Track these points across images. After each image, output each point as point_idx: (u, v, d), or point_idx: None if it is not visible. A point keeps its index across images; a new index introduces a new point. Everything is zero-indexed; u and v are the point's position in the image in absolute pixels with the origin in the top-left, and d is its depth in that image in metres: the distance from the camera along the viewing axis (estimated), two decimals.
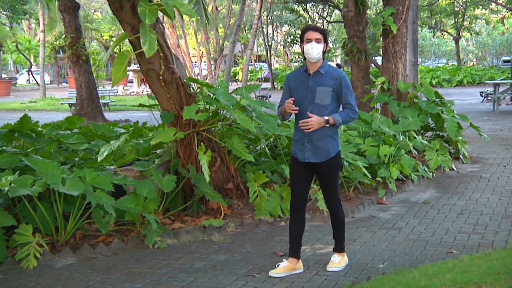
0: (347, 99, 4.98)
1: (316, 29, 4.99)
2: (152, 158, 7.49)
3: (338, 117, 4.94)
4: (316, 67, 5.00)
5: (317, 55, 4.92)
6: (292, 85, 5.12)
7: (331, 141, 5.02)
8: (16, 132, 8.10)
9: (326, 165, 5.04)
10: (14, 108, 27.27)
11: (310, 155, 5.02)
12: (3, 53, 61.01)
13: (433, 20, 45.57)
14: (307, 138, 5.00)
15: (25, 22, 57.46)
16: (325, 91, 4.93)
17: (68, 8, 18.36)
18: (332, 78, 4.96)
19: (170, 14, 5.98)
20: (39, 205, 5.93)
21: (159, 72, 6.68)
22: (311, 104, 4.95)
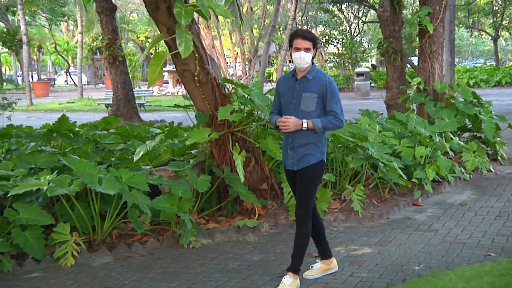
0: (331, 106, 4.75)
1: (305, 36, 4.74)
2: (187, 158, 7.53)
3: (318, 122, 4.71)
4: (303, 72, 4.82)
5: (305, 64, 4.75)
6: (281, 90, 4.96)
7: (314, 149, 4.81)
8: (54, 132, 8.25)
9: (304, 172, 4.82)
10: (53, 108, 27.72)
11: (293, 163, 4.87)
12: (42, 54, 62.18)
13: (471, 20, 44.90)
14: (290, 145, 4.87)
15: (64, 24, 58.44)
16: (310, 97, 4.75)
17: (105, 9, 18.56)
18: (318, 84, 4.76)
19: (206, 15, 6.00)
20: (76, 204, 6.02)
21: (194, 73, 6.71)
22: (296, 110, 4.78)
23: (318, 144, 4.83)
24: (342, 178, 8.00)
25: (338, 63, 37.47)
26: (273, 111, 5.06)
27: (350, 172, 7.98)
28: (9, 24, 39.83)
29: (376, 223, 6.91)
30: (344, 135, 7.61)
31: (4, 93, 15.93)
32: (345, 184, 7.83)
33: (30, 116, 23.17)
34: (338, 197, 7.66)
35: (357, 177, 8.11)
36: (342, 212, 7.20)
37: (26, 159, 6.85)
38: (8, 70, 69.63)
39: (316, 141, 4.82)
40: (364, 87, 30.34)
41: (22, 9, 29.82)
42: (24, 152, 7.38)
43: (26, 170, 6.55)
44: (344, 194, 7.57)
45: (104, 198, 6.22)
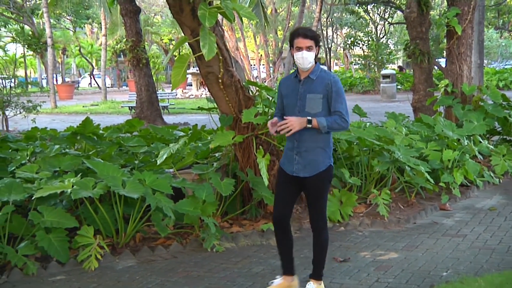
0: (336, 106, 4.57)
1: (306, 35, 4.57)
2: (210, 161, 7.55)
3: (323, 120, 4.53)
4: (307, 73, 4.65)
5: (308, 64, 4.58)
6: (284, 92, 4.79)
7: (322, 154, 4.63)
8: (78, 135, 8.32)
9: (314, 180, 4.64)
10: (76, 111, 28.00)
11: (298, 169, 4.65)
12: (66, 57, 62.94)
13: (501, 20, 44.38)
14: (296, 150, 4.65)
15: (88, 27, 59.04)
16: (315, 98, 4.57)
17: (129, 12, 18.72)
18: (322, 84, 4.59)
19: (230, 17, 6.01)
20: (100, 207, 6.07)
21: (218, 75, 6.73)
22: (301, 112, 4.59)
23: (325, 148, 4.65)
24: (368, 182, 7.96)
25: (363, 65, 37.28)
26: (275, 115, 4.90)
27: (375, 175, 7.94)
28: (34, 27, 40.37)
29: (402, 228, 6.86)
30: (370, 138, 7.57)
31: (29, 96, 16.21)
32: (371, 188, 7.78)
33: (54, 119, 23.43)
34: (364, 201, 7.62)
35: (383, 181, 8.06)
36: (368, 216, 7.17)
37: (51, 162, 6.92)
38: (33, 72, 70.57)
39: (324, 145, 4.64)
40: (390, 89, 30.15)
41: (47, 12, 30.18)
42: (48, 154, 7.46)
43: (51, 172, 6.62)
44: (369, 198, 7.53)
45: (128, 201, 6.26)
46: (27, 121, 15.18)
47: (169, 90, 32.50)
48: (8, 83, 15.84)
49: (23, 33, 41.70)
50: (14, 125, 18.35)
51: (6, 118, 15.68)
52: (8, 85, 15.79)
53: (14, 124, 18.45)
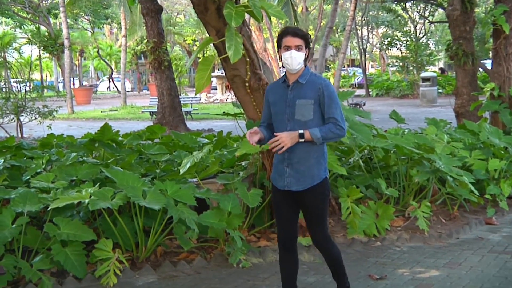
0: (331, 112, 4.42)
1: (295, 33, 4.46)
2: (236, 171, 7.56)
3: (316, 131, 4.38)
4: (296, 77, 4.51)
5: (297, 65, 4.45)
6: (271, 99, 4.64)
7: (316, 165, 4.49)
8: (96, 142, 8.41)
9: (309, 195, 4.50)
10: (95, 116, 28.32)
11: (290, 182, 4.50)
12: (84, 59, 63.72)
13: None
14: (287, 161, 4.51)
15: (107, 27, 59.80)
16: (306, 104, 4.43)
17: (150, 11, 18.88)
18: (313, 88, 4.45)
19: (258, 16, 6.03)
20: (119, 219, 6.11)
21: (245, 78, 6.75)
22: (290, 120, 4.46)
23: (319, 159, 4.52)
24: (406, 193, 7.90)
25: (401, 67, 37.09)
26: (261, 124, 4.77)
27: (414, 186, 7.88)
28: (50, 28, 41.00)
29: (444, 243, 6.80)
30: (409, 146, 7.52)
31: (45, 101, 16.36)
32: (409, 199, 7.72)
33: (71, 125, 23.73)
34: (402, 214, 7.57)
35: (422, 192, 8.00)
36: (406, 230, 7.11)
37: (67, 171, 7.00)
38: (49, 76, 71.59)
39: (318, 155, 4.50)
40: (431, 93, 29.95)
41: (64, 12, 30.60)
42: (65, 163, 7.54)
43: (67, 182, 6.70)
44: (408, 210, 7.48)
45: (149, 212, 6.30)
46: (42, 128, 15.36)
47: (192, 95, 32.73)
48: (23, 87, 16.02)
49: (39, 34, 42.38)
50: (29, 132, 18.61)
51: (21, 124, 15.89)
52: (23, 89, 15.98)
53: (29, 130, 18.71)
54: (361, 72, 45.72)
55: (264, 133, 4.60)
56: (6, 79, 17.45)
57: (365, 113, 8.21)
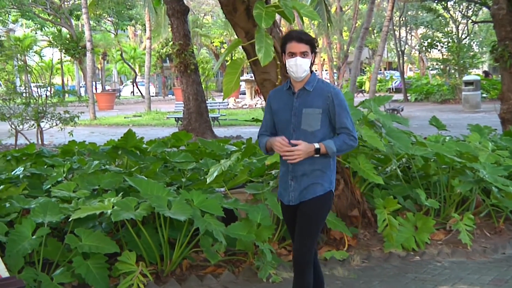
0: (342, 122, 4.39)
1: (300, 38, 4.40)
2: (266, 180, 7.57)
3: (331, 144, 4.35)
4: (301, 83, 4.47)
5: (302, 73, 4.40)
6: (275, 107, 4.59)
7: (322, 177, 4.45)
8: (119, 149, 8.49)
9: (307, 206, 4.44)
10: (118, 122, 28.55)
11: (294, 197, 4.49)
12: (107, 62, 64.37)
13: None
14: (291, 174, 4.48)
15: (131, 29, 60.33)
16: (313, 113, 4.38)
17: (176, 12, 18.97)
18: (321, 96, 4.40)
19: (289, 17, 6.04)
20: (143, 230, 6.14)
21: (276, 82, 6.75)
22: (296, 130, 4.42)
23: (325, 171, 4.46)
24: (447, 205, 7.83)
25: (442, 71, 36.83)
26: (262, 133, 4.71)
27: (456, 197, 7.81)
28: (72, 30, 41.53)
29: (489, 259, 6.72)
30: (450, 155, 7.46)
31: (66, 106, 16.52)
32: (451, 211, 7.66)
33: (93, 131, 23.96)
34: (443, 226, 7.50)
35: (465, 203, 7.92)
36: (448, 244, 7.05)
37: (89, 179, 7.07)
38: (70, 80, 72.44)
39: (324, 167, 4.45)
40: (474, 98, 29.66)
41: (86, 13, 30.92)
42: (86, 171, 7.63)
43: (89, 191, 6.77)
44: (449, 223, 7.42)
45: (174, 223, 6.32)
46: (63, 134, 15.52)
47: (220, 100, 32.84)
48: (44, 91, 16.18)
49: (61, 36, 42.89)
50: (49, 139, 18.84)
51: (41, 130, 16.05)
52: (44, 94, 16.14)
53: (49, 137, 18.94)
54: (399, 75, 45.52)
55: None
56: (26, 83, 17.67)
57: (403, 119, 8.17)
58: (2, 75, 19.04)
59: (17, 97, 16.31)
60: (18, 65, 18.43)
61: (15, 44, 44.62)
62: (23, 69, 17.88)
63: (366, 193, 7.59)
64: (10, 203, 6.52)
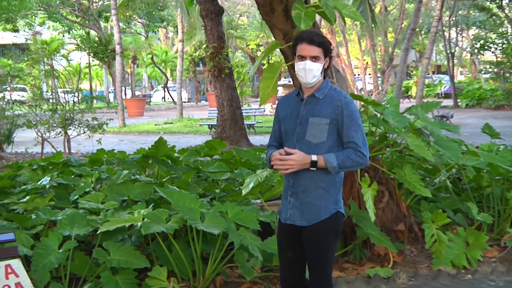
0: (350, 135, 4.21)
1: (312, 40, 4.23)
2: None
3: (332, 159, 4.16)
4: (312, 90, 4.34)
5: (312, 79, 4.25)
6: (282, 114, 4.50)
7: (326, 196, 4.29)
8: (150, 158, 8.55)
9: (312, 233, 4.29)
10: (148, 130, 28.76)
11: (294, 215, 4.33)
12: (137, 66, 65.01)
13: None
14: (291, 189, 4.35)
15: (162, 31, 60.81)
16: (320, 123, 4.23)
17: (210, 13, 19.06)
18: (331, 105, 4.25)
19: (330, 18, 6.03)
20: (174, 244, 6.16)
21: None
22: (299, 141, 4.29)
23: (329, 190, 4.31)
24: (502, 219, 7.74)
25: (496, 74, 36.40)
26: (271, 144, 4.65)
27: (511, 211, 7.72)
28: (101, 32, 42.03)
29: None
30: (504, 165, 7.38)
31: (94, 113, 16.64)
32: (506, 226, 7.56)
33: (123, 139, 24.16)
34: (497, 243, 7.42)
35: None
36: (502, 262, 6.96)
37: (118, 190, 7.14)
38: (99, 85, 73.25)
39: (328, 185, 4.29)
40: None
41: (116, 14, 31.24)
42: (116, 181, 7.70)
43: (118, 202, 6.83)
44: (504, 239, 7.33)
45: (207, 237, 6.35)
46: (91, 142, 15.68)
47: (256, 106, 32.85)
48: (71, 97, 16.34)
49: (89, 39, 43.43)
50: (77, 147, 19.06)
51: (69, 138, 16.19)
52: (71, 100, 16.31)
53: (77, 145, 19.16)
54: (448, 79, 45.07)
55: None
56: (53, 89, 17.85)
57: (453, 126, 8.10)
58: (28, 80, 19.26)
59: (44, 103, 16.45)
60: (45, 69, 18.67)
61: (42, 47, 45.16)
62: (50, 73, 18.10)
63: (413, 206, 7.54)
64: (36, 215, 6.61)
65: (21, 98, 18.00)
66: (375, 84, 38.96)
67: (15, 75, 19.09)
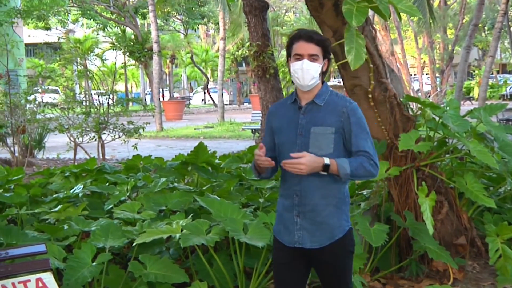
0: (360, 144, 4.11)
1: (310, 38, 4.12)
2: (356, 201, 7.54)
3: (346, 163, 4.04)
4: (310, 96, 4.20)
5: (310, 80, 4.12)
6: (276, 124, 4.35)
7: (336, 214, 4.20)
8: (189, 165, 8.59)
9: (327, 253, 4.18)
10: (187, 135, 28.91)
11: (303, 237, 4.19)
12: (175, 66, 65.43)
13: None
14: (297, 209, 4.18)
15: (202, 28, 61.07)
16: (324, 133, 4.11)
17: (254, 8, 19.04)
18: (334, 112, 4.13)
19: (384, 13, 6.00)
20: (215, 257, 6.17)
21: (368, 89, 6.73)
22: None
23: (341, 205, 4.23)
24: None
25: None
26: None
27: None
28: (137, 30, 42.37)
29: None
30: None
31: (130, 116, 16.72)
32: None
33: (160, 145, 24.35)
34: None
35: None
36: None
37: (155, 199, 7.18)
38: (135, 86, 73.96)
39: (338, 201, 4.20)
40: None
41: (153, 11, 31.45)
42: (152, 190, 7.75)
43: (155, 212, 6.87)
44: None
45: (250, 250, 6.35)
46: (127, 147, 15.78)
47: None
48: (106, 99, 16.45)
49: (125, 37, 43.80)
50: (111, 153, 19.24)
51: (103, 143, 16.32)
52: (106, 102, 16.42)
53: (111, 151, 19.35)
54: None
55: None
56: (86, 90, 18.02)
57: None
58: (61, 81, 19.52)
59: (77, 106, 16.60)
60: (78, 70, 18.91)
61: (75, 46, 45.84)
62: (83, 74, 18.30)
63: (475, 218, 7.46)
64: (68, 225, 6.67)
65: (53, 101, 18.12)
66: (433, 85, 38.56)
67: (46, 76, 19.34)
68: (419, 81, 40.33)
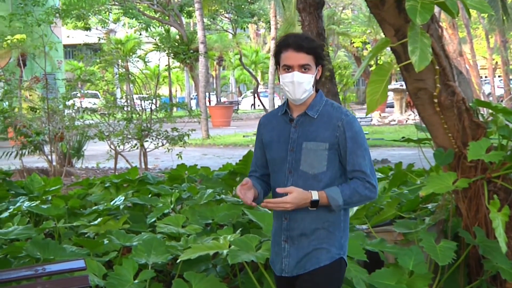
0: (356, 163, 3.99)
1: (300, 46, 3.98)
2: (420, 216, 7.47)
3: (337, 194, 3.92)
4: (302, 107, 4.10)
5: (302, 94, 4.03)
6: (266, 138, 4.24)
7: (327, 239, 4.06)
8: (238, 175, 8.61)
9: (305, 281, 4.06)
10: (235, 142, 29.01)
11: (289, 266, 4.10)
12: (223, 69, 65.72)
13: None
14: (285, 233, 4.09)
15: (252, 27, 61.31)
16: (317, 149, 3.98)
17: (309, 6, 19.05)
18: (329, 125, 4.02)
19: (452, 10, 5.95)
20: (265, 275, 6.15)
21: (433, 93, 6.67)
22: (293, 172, 4.04)
23: (333, 231, 4.09)
24: None
25: None
26: (251, 174, 4.42)
27: None
28: (182, 30, 42.66)
29: None
30: None
31: (174, 122, 16.75)
32: None
33: (206, 153, 24.47)
34: None
35: None
36: None
37: (201, 212, 7.21)
38: (179, 90, 74.44)
39: (331, 225, 4.06)
40: None
41: (200, 9, 31.59)
42: (198, 202, 7.78)
43: (201, 226, 6.90)
44: None
45: None
46: (171, 156, 15.81)
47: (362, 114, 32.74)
48: (149, 104, 16.47)
49: (169, 38, 44.13)
50: (154, 162, 19.38)
51: (145, 151, 16.33)
52: (149, 107, 16.45)
53: (154, 160, 19.49)
54: None
55: (257, 188, 4.22)
56: (128, 95, 18.11)
57: None
58: (101, 85, 19.69)
59: (118, 111, 16.69)
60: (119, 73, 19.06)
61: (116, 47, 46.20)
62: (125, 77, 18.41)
63: None
64: (108, 240, 6.73)
65: (92, 106, 18.29)
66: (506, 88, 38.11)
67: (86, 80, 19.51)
68: (490, 84, 39.93)
